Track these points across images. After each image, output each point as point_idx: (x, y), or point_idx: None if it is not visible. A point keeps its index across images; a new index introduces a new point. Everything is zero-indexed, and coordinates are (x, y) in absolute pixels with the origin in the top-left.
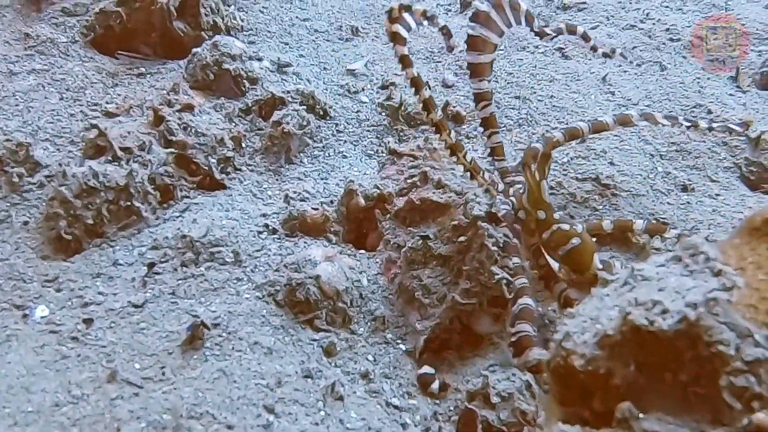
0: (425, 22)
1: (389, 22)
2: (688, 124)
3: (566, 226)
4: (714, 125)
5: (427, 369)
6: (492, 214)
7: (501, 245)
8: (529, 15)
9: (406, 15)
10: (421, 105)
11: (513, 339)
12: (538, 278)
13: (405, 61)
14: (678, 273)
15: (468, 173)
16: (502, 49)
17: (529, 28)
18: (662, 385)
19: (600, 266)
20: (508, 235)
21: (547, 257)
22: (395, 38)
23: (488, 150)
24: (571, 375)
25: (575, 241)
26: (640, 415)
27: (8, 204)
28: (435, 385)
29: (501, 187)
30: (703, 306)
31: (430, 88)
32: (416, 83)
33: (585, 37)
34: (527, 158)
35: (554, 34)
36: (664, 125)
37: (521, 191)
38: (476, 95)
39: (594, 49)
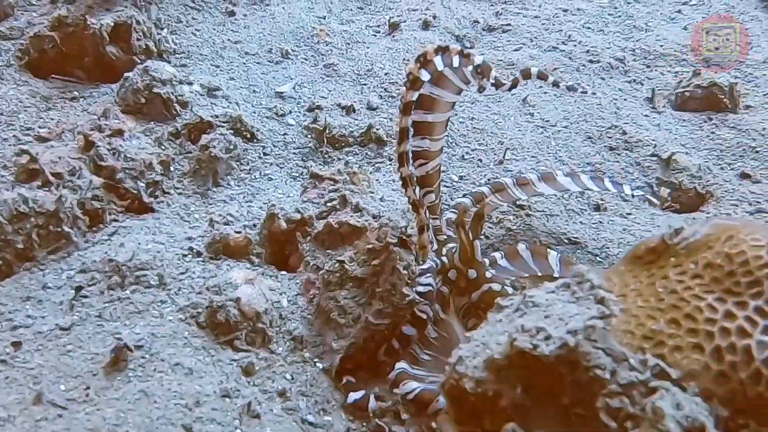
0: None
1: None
2: (614, 189)
3: (497, 287)
4: (636, 194)
5: (355, 395)
6: (403, 240)
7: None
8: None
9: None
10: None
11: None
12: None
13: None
14: (565, 300)
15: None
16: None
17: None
18: (547, 407)
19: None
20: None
21: None
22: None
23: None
24: (463, 396)
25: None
26: None
27: None
28: (372, 404)
29: (435, 246)
30: (582, 333)
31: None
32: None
33: (542, 77)
34: (460, 216)
35: (510, 84)
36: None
37: (453, 251)
38: (415, 153)
39: (556, 84)
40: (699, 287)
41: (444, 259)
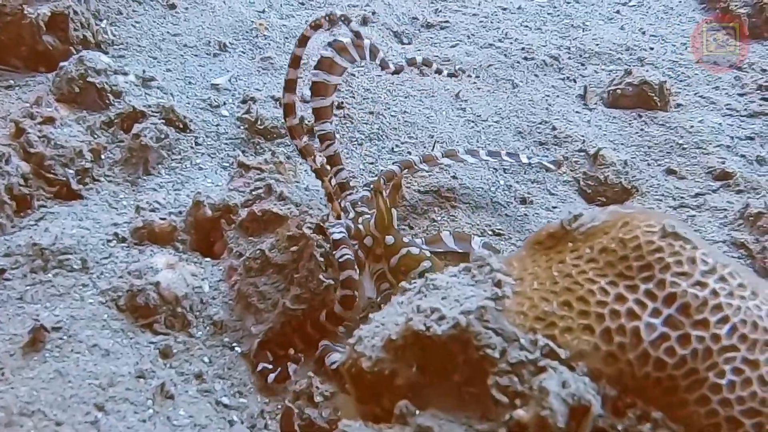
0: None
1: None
2: (510, 159)
3: (416, 250)
4: (532, 161)
5: (264, 364)
6: (321, 227)
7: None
8: (373, 48)
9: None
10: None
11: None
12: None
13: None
14: (465, 283)
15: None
16: (362, 67)
17: (374, 62)
18: (440, 385)
19: None
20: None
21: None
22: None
23: (336, 185)
24: (361, 376)
25: (426, 264)
26: (417, 412)
27: None
28: (272, 376)
29: (351, 215)
30: (474, 313)
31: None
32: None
33: (426, 64)
34: (377, 183)
35: (395, 69)
36: (484, 160)
37: (369, 220)
38: (320, 136)
39: (438, 71)
40: (593, 271)
41: (360, 227)
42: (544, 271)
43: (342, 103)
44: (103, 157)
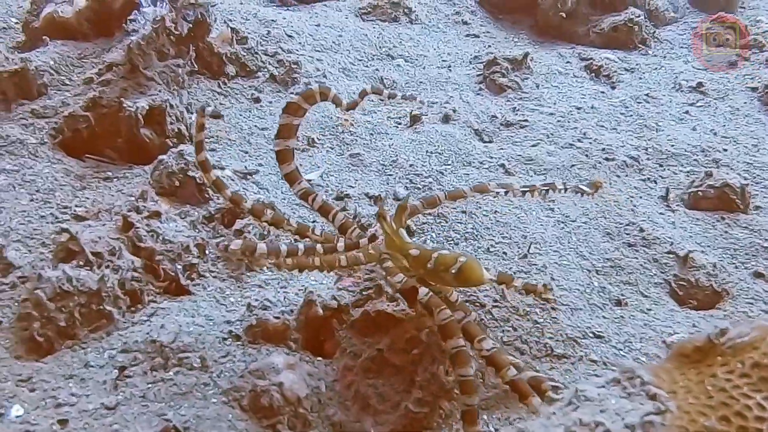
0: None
1: None
2: (546, 188)
3: (446, 251)
4: (567, 187)
5: None
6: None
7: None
8: (336, 99)
9: None
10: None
11: None
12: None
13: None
14: (617, 395)
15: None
16: (449, 164)
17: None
18: None
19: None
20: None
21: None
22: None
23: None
24: None
25: (462, 259)
26: None
27: None
28: None
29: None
30: (640, 428)
31: None
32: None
33: (377, 92)
34: (380, 209)
35: (348, 106)
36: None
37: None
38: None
39: (392, 96)
40: (747, 386)
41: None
42: (696, 385)
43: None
44: (207, 252)
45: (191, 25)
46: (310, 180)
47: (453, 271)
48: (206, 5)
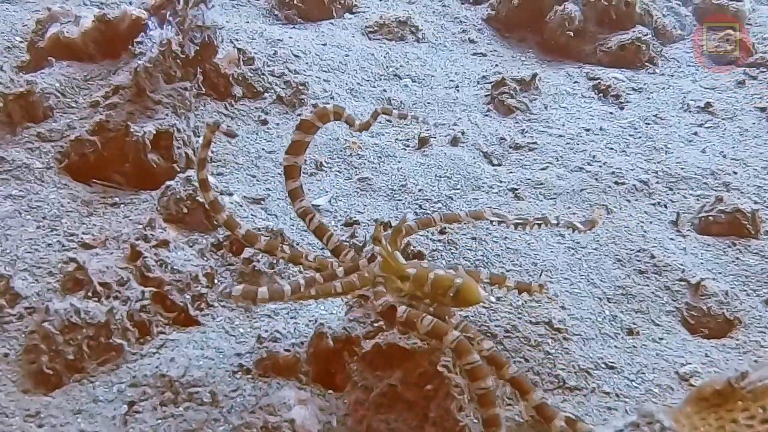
0: None
1: None
2: (539, 222)
3: (441, 271)
4: (561, 222)
5: None
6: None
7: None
8: (349, 119)
9: None
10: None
11: None
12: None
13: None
14: None
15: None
16: (458, 189)
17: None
18: None
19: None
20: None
21: None
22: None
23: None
24: None
25: (458, 281)
26: None
27: None
28: None
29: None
30: None
31: None
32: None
33: (387, 113)
34: (376, 231)
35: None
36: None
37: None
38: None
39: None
40: None
41: (366, 274)
42: (716, 431)
43: (444, 228)
44: (216, 281)
45: (198, 47)
46: (318, 206)
47: (451, 294)
48: (213, 27)
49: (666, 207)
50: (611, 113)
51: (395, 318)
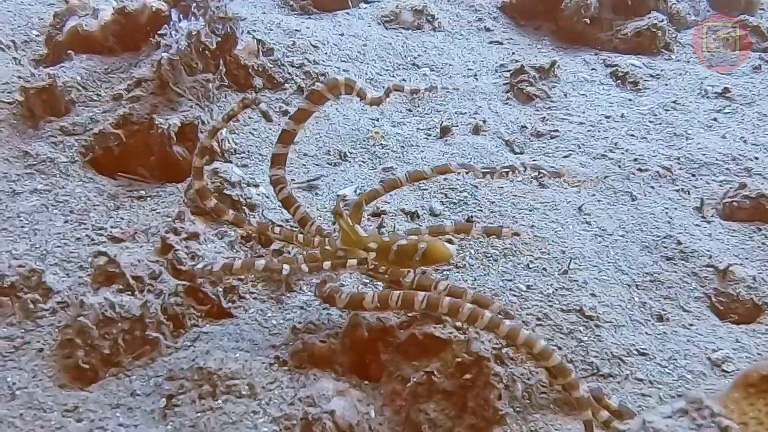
0: None
1: None
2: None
3: (403, 241)
4: (527, 167)
5: None
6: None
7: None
8: (361, 92)
9: None
10: None
11: None
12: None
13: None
14: (686, 427)
15: None
16: (483, 178)
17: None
18: None
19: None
20: None
21: None
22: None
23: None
24: None
25: (422, 245)
26: None
27: (23, 330)
28: None
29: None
30: None
31: None
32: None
33: (399, 89)
34: (337, 206)
35: (386, 96)
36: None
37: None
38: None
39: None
40: None
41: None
42: (766, 416)
43: (471, 216)
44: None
45: (220, 39)
46: (345, 196)
47: (417, 258)
48: (236, 18)
49: (689, 193)
50: (630, 100)
51: (336, 302)
